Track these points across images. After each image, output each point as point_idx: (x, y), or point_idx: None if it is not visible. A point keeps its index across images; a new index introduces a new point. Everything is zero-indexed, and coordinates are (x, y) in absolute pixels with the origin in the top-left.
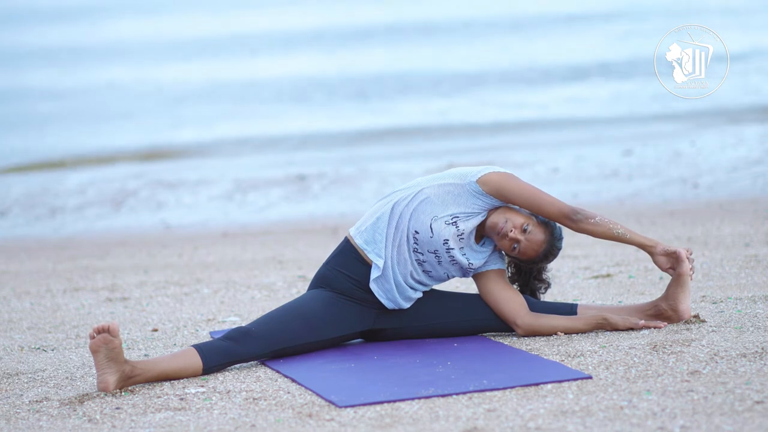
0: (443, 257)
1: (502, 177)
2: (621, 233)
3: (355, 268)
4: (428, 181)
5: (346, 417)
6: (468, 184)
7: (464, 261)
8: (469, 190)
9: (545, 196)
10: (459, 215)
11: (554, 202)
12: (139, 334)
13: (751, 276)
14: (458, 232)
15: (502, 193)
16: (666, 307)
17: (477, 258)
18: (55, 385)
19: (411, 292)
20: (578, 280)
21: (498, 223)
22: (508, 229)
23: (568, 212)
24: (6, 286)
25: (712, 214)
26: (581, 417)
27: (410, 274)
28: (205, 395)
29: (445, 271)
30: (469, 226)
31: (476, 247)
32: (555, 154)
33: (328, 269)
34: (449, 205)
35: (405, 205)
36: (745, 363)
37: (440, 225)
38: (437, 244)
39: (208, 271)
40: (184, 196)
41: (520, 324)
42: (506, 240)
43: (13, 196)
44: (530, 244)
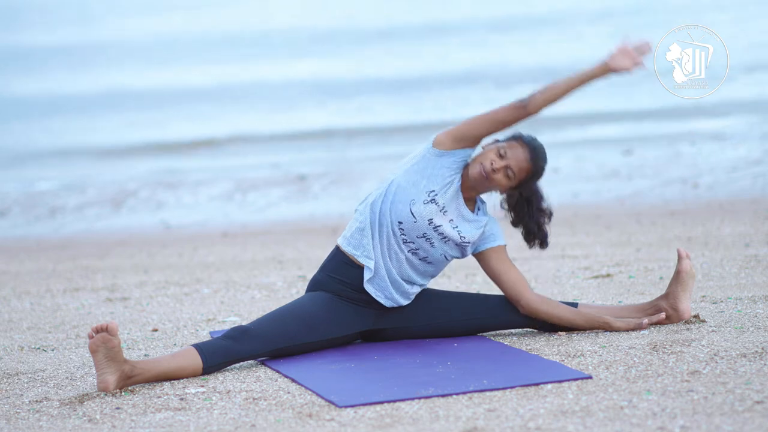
0: (433, 238)
1: (451, 127)
2: (571, 78)
3: (348, 272)
4: (396, 171)
5: (346, 417)
6: (427, 152)
7: (456, 235)
8: (430, 158)
9: (493, 109)
10: (435, 190)
11: (502, 106)
12: (139, 334)
13: (751, 276)
14: (439, 207)
15: (458, 136)
16: (666, 306)
17: (469, 230)
18: (55, 385)
19: (408, 287)
20: (578, 280)
21: (478, 171)
22: (489, 166)
23: (516, 103)
24: (6, 286)
25: (712, 214)
26: (581, 417)
27: (405, 268)
28: (205, 395)
29: (441, 252)
30: (448, 197)
31: (469, 216)
32: (555, 154)
33: (322, 275)
34: (421, 183)
35: (381, 201)
36: (745, 363)
37: (419, 207)
38: (423, 227)
39: (208, 271)
40: (184, 196)
41: (525, 302)
42: (498, 175)
43: (13, 196)
44: (517, 160)
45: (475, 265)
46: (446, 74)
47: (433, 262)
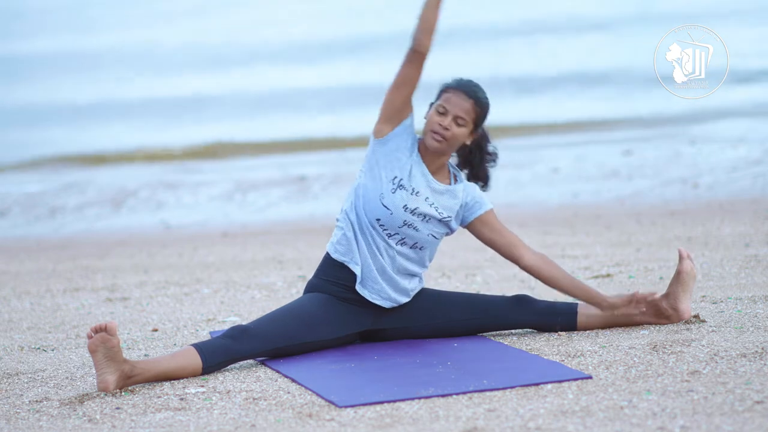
0: (415, 222)
1: (379, 113)
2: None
3: (341, 275)
4: (358, 176)
5: (346, 417)
6: (373, 145)
7: (434, 212)
8: (378, 149)
9: (396, 73)
10: (397, 175)
11: (400, 64)
12: (139, 334)
13: (751, 276)
14: (409, 191)
15: (387, 116)
16: (666, 306)
17: (446, 202)
18: (55, 385)
19: (406, 282)
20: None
21: (433, 139)
22: (439, 128)
23: (407, 53)
24: (6, 286)
25: (712, 214)
26: (581, 417)
27: (399, 261)
28: (205, 395)
29: (428, 233)
30: (415, 177)
31: (442, 188)
32: (555, 154)
33: (317, 280)
34: (381, 175)
35: (354, 207)
36: (745, 363)
37: (390, 198)
38: (401, 215)
39: (208, 271)
40: (184, 196)
41: (525, 264)
42: (451, 130)
43: (13, 196)
44: (458, 106)
45: (475, 265)
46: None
47: (424, 246)
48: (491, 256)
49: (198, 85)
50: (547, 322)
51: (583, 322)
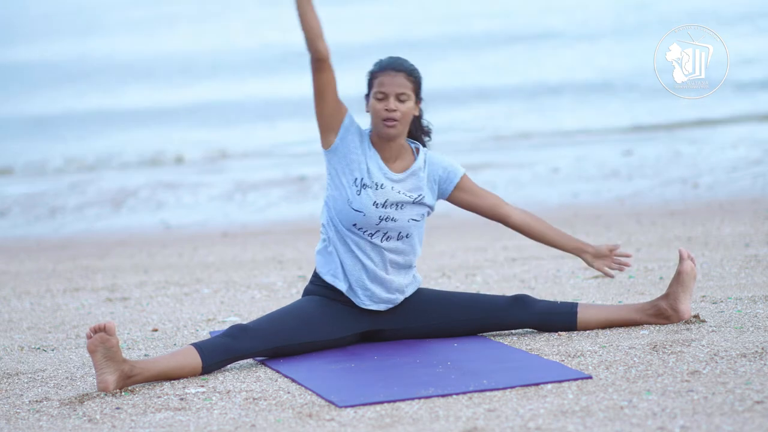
0: (390, 214)
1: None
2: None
3: (332, 286)
4: (326, 190)
5: (346, 417)
6: (326, 158)
7: (406, 198)
8: (331, 159)
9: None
10: (357, 176)
11: (311, 75)
12: (139, 334)
13: (751, 276)
14: (374, 187)
15: (324, 125)
16: (666, 306)
17: (413, 183)
18: (55, 385)
19: (399, 278)
20: (578, 280)
21: (384, 127)
22: (385, 114)
23: (310, 63)
24: (6, 286)
25: (712, 214)
26: (581, 417)
27: (389, 257)
28: (205, 395)
29: (407, 218)
30: (373, 173)
31: (401, 177)
32: (555, 154)
33: (313, 286)
34: (343, 181)
35: (329, 220)
36: (745, 363)
37: (358, 200)
38: (374, 213)
39: (208, 271)
40: (184, 196)
41: (513, 222)
42: (397, 110)
43: (13, 196)
44: (393, 84)
45: (475, 265)
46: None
47: (410, 233)
48: (491, 256)
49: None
50: (546, 321)
51: (583, 322)
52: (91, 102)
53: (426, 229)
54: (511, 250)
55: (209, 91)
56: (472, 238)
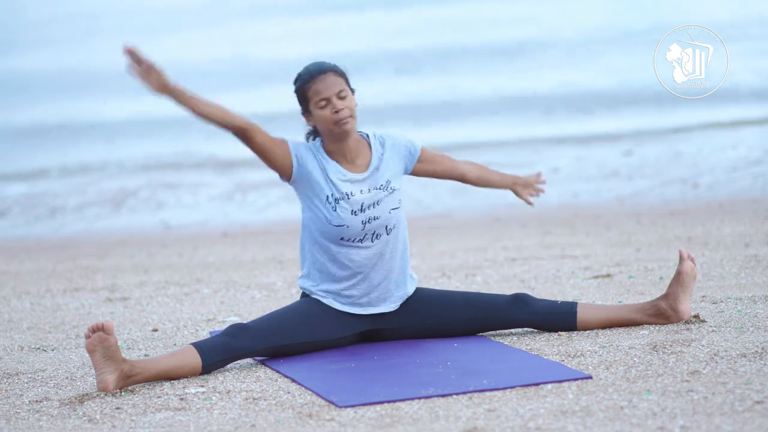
0: (371, 214)
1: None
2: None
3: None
4: (301, 216)
5: (346, 417)
6: (293, 188)
7: (379, 193)
8: (298, 187)
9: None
10: (327, 194)
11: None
12: (139, 334)
13: (751, 276)
14: (346, 198)
15: (279, 166)
16: (666, 306)
17: (379, 178)
18: (55, 385)
19: (396, 266)
20: (578, 280)
21: (335, 129)
22: (335, 117)
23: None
24: (6, 286)
25: (712, 214)
26: (581, 417)
27: (382, 250)
28: (205, 395)
29: (387, 209)
30: (338, 185)
31: (363, 176)
32: (555, 154)
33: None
34: (315, 202)
35: (316, 242)
36: (745, 363)
37: (336, 217)
38: (356, 220)
39: (208, 271)
40: (184, 196)
41: (471, 177)
42: (345, 109)
43: (13, 196)
44: (327, 85)
45: (475, 265)
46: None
47: (395, 223)
48: (491, 256)
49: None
50: (546, 321)
51: (583, 321)
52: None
53: (426, 229)
54: (511, 250)
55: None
56: (472, 238)
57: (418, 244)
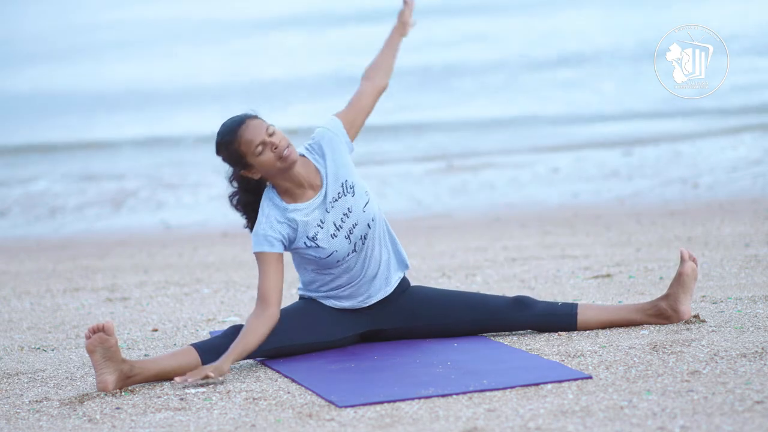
0: (348, 224)
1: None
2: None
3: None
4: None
5: (346, 417)
6: (291, 254)
7: (345, 201)
8: (294, 251)
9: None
10: (306, 238)
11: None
12: (139, 334)
13: (751, 276)
14: (322, 229)
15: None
16: (666, 306)
17: (338, 186)
18: (55, 385)
19: (387, 251)
20: (578, 280)
21: (282, 166)
22: (278, 154)
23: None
24: (6, 286)
25: (712, 214)
26: (581, 417)
27: (371, 246)
28: (205, 395)
29: (359, 209)
30: (307, 223)
31: (322, 192)
32: (555, 154)
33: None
34: (301, 251)
35: (312, 273)
36: (745, 363)
37: (323, 250)
38: (342, 241)
39: (208, 271)
40: (184, 196)
41: (378, 84)
42: (280, 147)
43: (13, 196)
44: (255, 131)
45: (475, 265)
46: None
47: (371, 214)
48: (491, 256)
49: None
50: (547, 323)
51: (583, 323)
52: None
53: (426, 229)
54: (511, 250)
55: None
56: (472, 238)
57: (418, 244)
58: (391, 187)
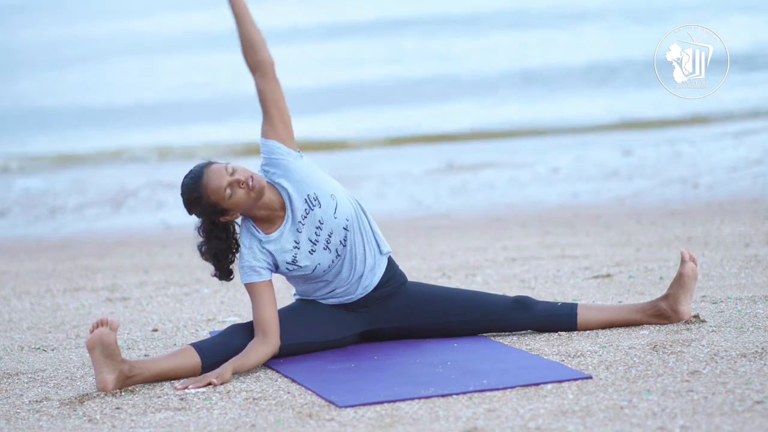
0: (322, 236)
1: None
2: None
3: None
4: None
5: (346, 417)
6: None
7: (313, 215)
8: (288, 278)
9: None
10: (286, 263)
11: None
12: (139, 334)
13: (751, 276)
14: (296, 250)
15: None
16: (666, 307)
17: (302, 204)
18: (55, 385)
19: (369, 244)
20: (578, 280)
21: (249, 200)
22: (241, 187)
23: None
24: (6, 286)
25: (712, 214)
26: (581, 417)
27: (351, 246)
28: (205, 395)
29: (329, 217)
30: (282, 246)
31: (288, 220)
32: (555, 154)
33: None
34: (291, 275)
35: (303, 285)
36: (745, 363)
37: (305, 269)
38: (318, 253)
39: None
40: None
41: (263, 72)
42: (235, 178)
43: (13, 196)
44: (216, 177)
45: (475, 265)
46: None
47: (345, 216)
48: (491, 256)
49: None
50: (547, 324)
51: (583, 323)
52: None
53: (426, 229)
54: (511, 250)
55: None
56: (472, 238)
57: (418, 244)
58: (391, 187)
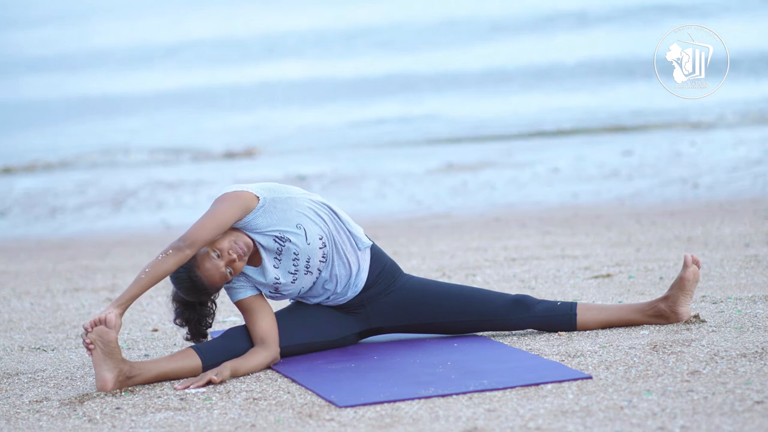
0: (299, 266)
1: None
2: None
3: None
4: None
5: (346, 417)
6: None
7: (283, 251)
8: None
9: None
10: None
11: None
12: (139, 334)
13: (751, 276)
14: (281, 279)
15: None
16: (665, 307)
17: (275, 244)
18: (55, 385)
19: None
20: (578, 280)
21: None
22: (236, 257)
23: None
24: (6, 286)
25: (712, 214)
26: (581, 417)
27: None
28: (205, 395)
29: (303, 247)
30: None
31: (268, 265)
32: (555, 154)
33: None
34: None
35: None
36: (745, 363)
37: (287, 293)
38: (301, 279)
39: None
40: (184, 196)
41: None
42: (230, 252)
43: (13, 196)
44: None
45: (475, 265)
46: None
47: (322, 242)
48: (491, 256)
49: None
50: (546, 323)
51: (583, 323)
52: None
53: (426, 229)
54: (511, 250)
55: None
56: (472, 238)
57: (418, 244)
58: (391, 187)
